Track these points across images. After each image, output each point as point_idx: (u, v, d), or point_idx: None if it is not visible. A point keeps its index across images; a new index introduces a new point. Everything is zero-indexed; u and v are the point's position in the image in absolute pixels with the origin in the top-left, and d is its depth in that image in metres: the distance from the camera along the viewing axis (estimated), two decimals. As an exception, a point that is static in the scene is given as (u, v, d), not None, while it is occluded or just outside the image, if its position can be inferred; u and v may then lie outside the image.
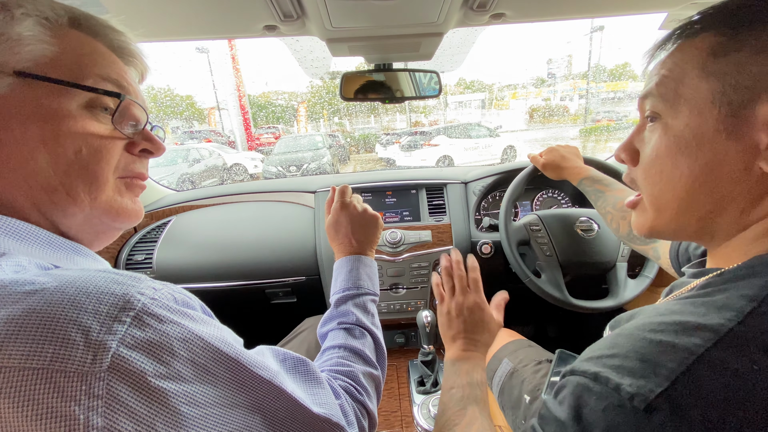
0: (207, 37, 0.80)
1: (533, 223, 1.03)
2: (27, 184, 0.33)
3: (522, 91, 21.54)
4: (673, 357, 0.28)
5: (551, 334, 1.67)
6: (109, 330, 0.25)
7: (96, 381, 0.24)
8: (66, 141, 0.33)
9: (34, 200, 0.33)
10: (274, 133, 14.44)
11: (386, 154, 10.46)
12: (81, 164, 0.34)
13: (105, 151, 0.36)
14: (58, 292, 0.25)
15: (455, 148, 9.24)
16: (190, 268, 1.20)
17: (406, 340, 1.35)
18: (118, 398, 0.24)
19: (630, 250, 1.00)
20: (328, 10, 0.66)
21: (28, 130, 0.32)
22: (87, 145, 0.35)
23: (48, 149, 0.33)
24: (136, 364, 0.25)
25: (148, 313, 0.27)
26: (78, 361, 0.24)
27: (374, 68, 0.96)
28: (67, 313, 0.24)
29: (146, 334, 0.26)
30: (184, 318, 0.30)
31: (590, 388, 0.30)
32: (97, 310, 0.25)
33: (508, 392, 0.81)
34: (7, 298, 0.25)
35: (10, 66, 0.31)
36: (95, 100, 0.35)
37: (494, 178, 1.27)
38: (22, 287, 0.25)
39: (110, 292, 0.26)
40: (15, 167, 0.32)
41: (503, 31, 68.51)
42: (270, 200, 1.35)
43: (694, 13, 0.38)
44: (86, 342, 0.24)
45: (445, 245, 1.20)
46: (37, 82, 0.32)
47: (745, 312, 0.28)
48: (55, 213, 0.35)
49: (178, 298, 0.31)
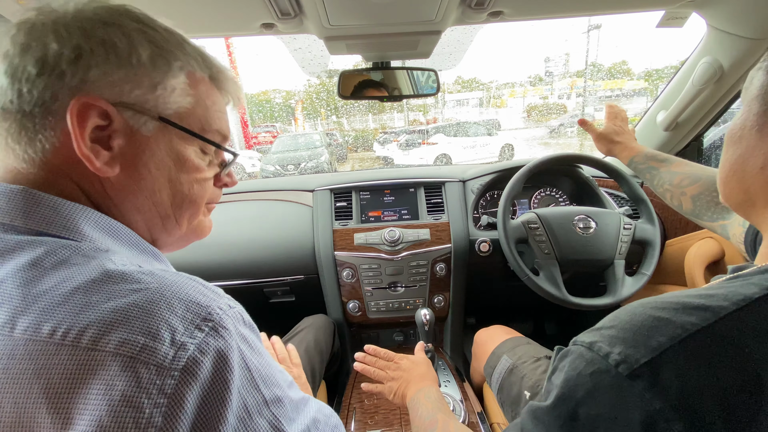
0: (204, 35, 0.79)
1: (531, 221, 1.03)
2: (148, 212, 0.39)
3: (520, 90, 21.56)
4: (665, 332, 0.29)
5: (549, 331, 1.68)
6: (191, 334, 0.28)
7: (169, 378, 0.26)
8: (184, 179, 0.40)
9: (149, 223, 0.40)
10: (271, 131, 14.40)
11: (384, 153, 10.46)
12: (191, 199, 0.41)
13: (206, 187, 0.44)
14: (158, 293, 0.29)
15: (453, 146, 9.24)
16: (187, 267, 1.19)
17: (404, 338, 1.35)
18: (182, 401, 0.26)
19: (628, 248, 1.00)
20: (325, 7, 0.66)
21: (159, 168, 0.38)
22: (198, 183, 0.42)
23: (171, 186, 0.39)
24: (204, 372, 0.28)
25: (223, 326, 0.30)
26: (162, 355, 0.26)
27: (372, 66, 0.96)
28: (162, 312, 0.28)
29: (218, 344, 0.29)
30: (244, 342, 0.32)
31: (583, 355, 0.32)
32: (185, 315, 0.29)
33: (508, 389, 0.81)
34: (118, 293, 0.28)
35: (157, 112, 0.36)
36: (206, 146, 0.42)
37: (492, 177, 1.27)
38: (131, 284, 0.29)
39: (197, 302, 0.30)
40: (144, 198, 0.38)
41: (501, 30, 68.46)
42: (268, 199, 1.35)
43: (691, 11, 0.38)
44: (172, 340, 0.27)
45: (444, 243, 1.20)
46: (174, 129, 0.38)
47: (752, 298, 0.28)
48: (161, 234, 0.41)
49: (246, 320, 0.34)
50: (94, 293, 0.28)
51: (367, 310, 1.24)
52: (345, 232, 1.21)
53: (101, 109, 0.33)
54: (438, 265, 1.20)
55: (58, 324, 0.26)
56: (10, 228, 0.32)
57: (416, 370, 0.74)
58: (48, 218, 0.32)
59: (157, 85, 0.36)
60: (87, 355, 0.26)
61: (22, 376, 0.26)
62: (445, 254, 1.20)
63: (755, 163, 0.35)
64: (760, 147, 0.34)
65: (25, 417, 0.25)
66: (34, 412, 0.25)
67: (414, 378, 0.72)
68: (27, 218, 0.32)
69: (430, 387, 0.68)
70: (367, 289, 1.22)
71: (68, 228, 0.33)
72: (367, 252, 1.19)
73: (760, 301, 0.28)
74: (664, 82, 1.24)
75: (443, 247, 1.20)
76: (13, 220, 0.32)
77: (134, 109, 0.35)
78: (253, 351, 0.33)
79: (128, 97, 0.35)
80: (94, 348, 0.26)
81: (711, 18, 0.86)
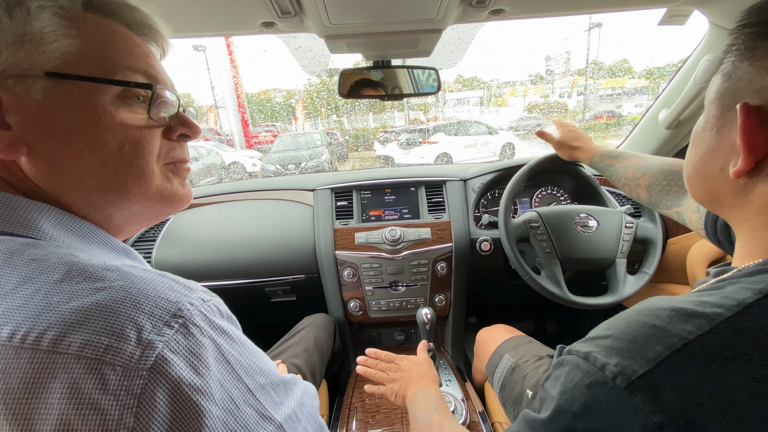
0: (205, 34, 0.79)
1: (532, 220, 1.03)
2: (80, 187, 0.34)
3: (520, 88, 21.52)
4: (661, 341, 0.28)
5: (551, 330, 1.68)
6: (159, 332, 0.27)
7: (137, 378, 0.25)
8: (108, 139, 0.33)
9: (89, 201, 0.35)
10: (272, 131, 14.39)
11: (385, 152, 10.44)
12: (126, 160, 0.35)
13: (146, 143, 0.36)
14: (123, 290, 0.27)
15: (454, 145, 9.22)
16: (188, 266, 1.19)
17: (406, 337, 1.35)
18: (152, 401, 0.25)
19: (630, 246, 1.00)
20: (326, 6, 0.66)
21: (72, 134, 0.32)
22: (128, 139, 0.34)
23: (93, 151, 0.33)
24: (175, 369, 0.27)
25: (193, 323, 0.29)
26: (127, 355, 0.25)
27: (373, 65, 0.95)
28: (128, 310, 0.27)
29: (189, 342, 0.28)
30: (221, 335, 0.31)
31: (579, 366, 0.32)
32: (152, 312, 0.27)
33: (510, 388, 0.81)
34: (80, 292, 0.27)
35: (39, 67, 0.30)
36: (127, 92, 0.34)
37: (493, 175, 1.27)
38: (94, 283, 0.28)
39: (165, 298, 0.28)
40: (66, 172, 0.33)
41: (501, 28, 68.33)
42: (269, 198, 1.35)
43: (692, 8, 0.39)
44: (138, 339, 0.26)
45: (445, 243, 1.20)
46: (70, 81, 0.31)
47: (746, 303, 0.28)
48: (110, 209, 0.36)
49: (223, 311, 0.33)
50: (55, 294, 0.27)
51: (368, 309, 1.24)
52: (346, 232, 1.21)
53: None
54: (439, 264, 1.20)
55: (18, 326, 0.25)
56: None
57: (416, 370, 0.74)
58: (2, 216, 0.31)
59: (24, 36, 0.30)
60: (48, 358, 0.25)
61: None
62: (446, 253, 1.20)
63: (715, 164, 0.36)
64: (719, 149, 0.35)
65: None
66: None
67: (414, 378, 0.72)
68: None
69: (429, 388, 0.68)
70: (368, 289, 1.22)
71: (26, 225, 0.31)
72: (368, 251, 1.19)
73: (754, 305, 0.28)
74: (665, 80, 1.24)
75: (444, 246, 1.19)
76: None
77: (11, 75, 0.30)
78: (232, 342, 0.32)
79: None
80: (55, 350, 0.25)
81: (713, 15, 0.86)
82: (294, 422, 0.35)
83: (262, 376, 0.34)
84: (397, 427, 0.92)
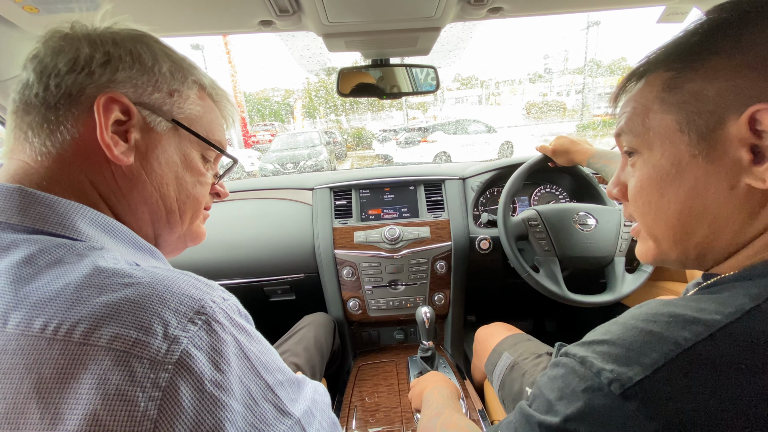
0: (202, 32, 0.79)
1: (531, 218, 1.03)
2: (155, 204, 0.42)
3: (519, 87, 21.51)
4: (658, 348, 0.28)
5: (549, 328, 1.68)
6: (184, 327, 0.28)
7: (163, 372, 0.26)
8: (189, 179, 0.44)
9: (153, 216, 0.42)
10: (270, 130, 14.37)
11: (383, 151, 10.43)
12: (194, 197, 0.45)
13: (206, 192, 0.48)
14: (150, 287, 0.29)
15: (453, 144, 9.22)
16: (187, 266, 1.18)
17: (405, 336, 1.35)
18: (176, 394, 0.27)
19: (628, 245, 1.00)
20: (324, 4, 0.65)
21: (169, 165, 0.42)
22: (200, 185, 0.46)
23: (177, 182, 0.43)
24: (198, 364, 0.28)
25: (216, 320, 0.30)
26: (154, 349, 0.27)
27: (371, 64, 0.95)
28: (155, 306, 0.28)
29: (211, 339, 0.29)
30: (241, 333, 0.33)
31: (576, 370, 0.32)
32: (177, 309, 0.29)
33: (509, 385, 0.81)
34: (109, 287, 0.29)
35: (171, 114, 0.41)
36: (206, 154, 0.46)
37: (492, 174, 1.27)
38: (122, 279, 0.29)
39: (189, 295, 0.30)
40: (152, 189, 0.41)
41: (500, 27, 68.28)
42: (267, 198, 1.34)
43: (691, 6, 0.37)
44: (164, 334, 0.27)
45: (444, 241, 1.20)
46: (183, 131, 0.42)
47: (744, 309, 0.28)
48: (164, 228, 0.44)
49: (241, 311, 0.35)
50: (85, 288, 0.28)
51: (367, 308, 1.24)
52: (345, 231, 1.21)
53: (124, 105, 0.37)
54: (438, 263, 1.20)
55: (50, 319, 0.27)
56: (7, 226, 0.32)
57: (435, 377, 0.80)
58: (43, 216, 0.33)
59: (174, 92, 0.41)
60: (79, 350, 0.26)
61: (14, 371, 0.26)
62: (446, 252, 1.20)
63: (720, 187, 0.32)
64: (717, 172, 0.32)
65: (14, 412, 0.25)
66: (23, 407, 0.25)
67: (432, 381, 0.77)
68: (23, 216, 0.32)
69: (444, 386, 0.72)
70: (367, 288, 1.22)
71: (64, 225, 0.33)
72: (367, 250, 1.19)
73: (751, 312, 0.27)
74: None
75: (443, 245, 1.19)
76: (9, 218, 0.32)
77: (151, 110, 0.40)
78: (251, 340, 0.34)
79: (148, 99, 0.39)
80: (86, 342, 0.26)
81: (711, 13, 0.86)
82: (310, 417, 0.37)
83: (280, 373, 0.35)
84: (396, 425, 0.92)
